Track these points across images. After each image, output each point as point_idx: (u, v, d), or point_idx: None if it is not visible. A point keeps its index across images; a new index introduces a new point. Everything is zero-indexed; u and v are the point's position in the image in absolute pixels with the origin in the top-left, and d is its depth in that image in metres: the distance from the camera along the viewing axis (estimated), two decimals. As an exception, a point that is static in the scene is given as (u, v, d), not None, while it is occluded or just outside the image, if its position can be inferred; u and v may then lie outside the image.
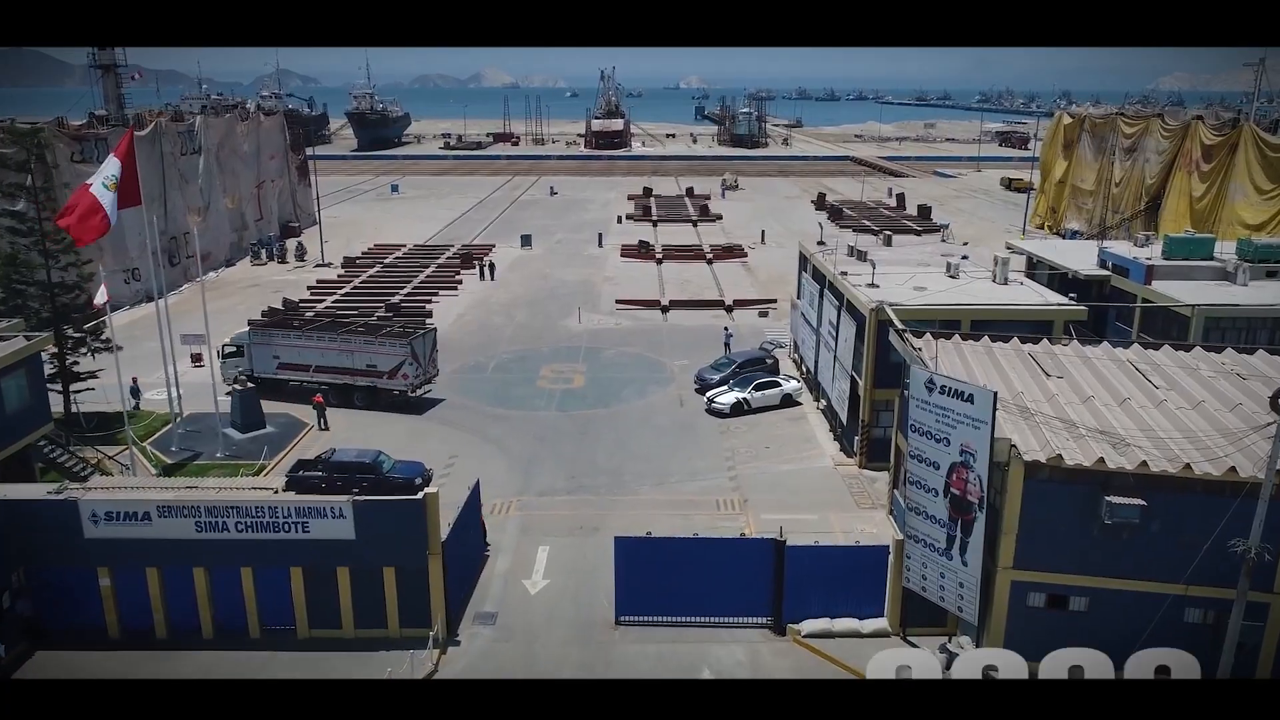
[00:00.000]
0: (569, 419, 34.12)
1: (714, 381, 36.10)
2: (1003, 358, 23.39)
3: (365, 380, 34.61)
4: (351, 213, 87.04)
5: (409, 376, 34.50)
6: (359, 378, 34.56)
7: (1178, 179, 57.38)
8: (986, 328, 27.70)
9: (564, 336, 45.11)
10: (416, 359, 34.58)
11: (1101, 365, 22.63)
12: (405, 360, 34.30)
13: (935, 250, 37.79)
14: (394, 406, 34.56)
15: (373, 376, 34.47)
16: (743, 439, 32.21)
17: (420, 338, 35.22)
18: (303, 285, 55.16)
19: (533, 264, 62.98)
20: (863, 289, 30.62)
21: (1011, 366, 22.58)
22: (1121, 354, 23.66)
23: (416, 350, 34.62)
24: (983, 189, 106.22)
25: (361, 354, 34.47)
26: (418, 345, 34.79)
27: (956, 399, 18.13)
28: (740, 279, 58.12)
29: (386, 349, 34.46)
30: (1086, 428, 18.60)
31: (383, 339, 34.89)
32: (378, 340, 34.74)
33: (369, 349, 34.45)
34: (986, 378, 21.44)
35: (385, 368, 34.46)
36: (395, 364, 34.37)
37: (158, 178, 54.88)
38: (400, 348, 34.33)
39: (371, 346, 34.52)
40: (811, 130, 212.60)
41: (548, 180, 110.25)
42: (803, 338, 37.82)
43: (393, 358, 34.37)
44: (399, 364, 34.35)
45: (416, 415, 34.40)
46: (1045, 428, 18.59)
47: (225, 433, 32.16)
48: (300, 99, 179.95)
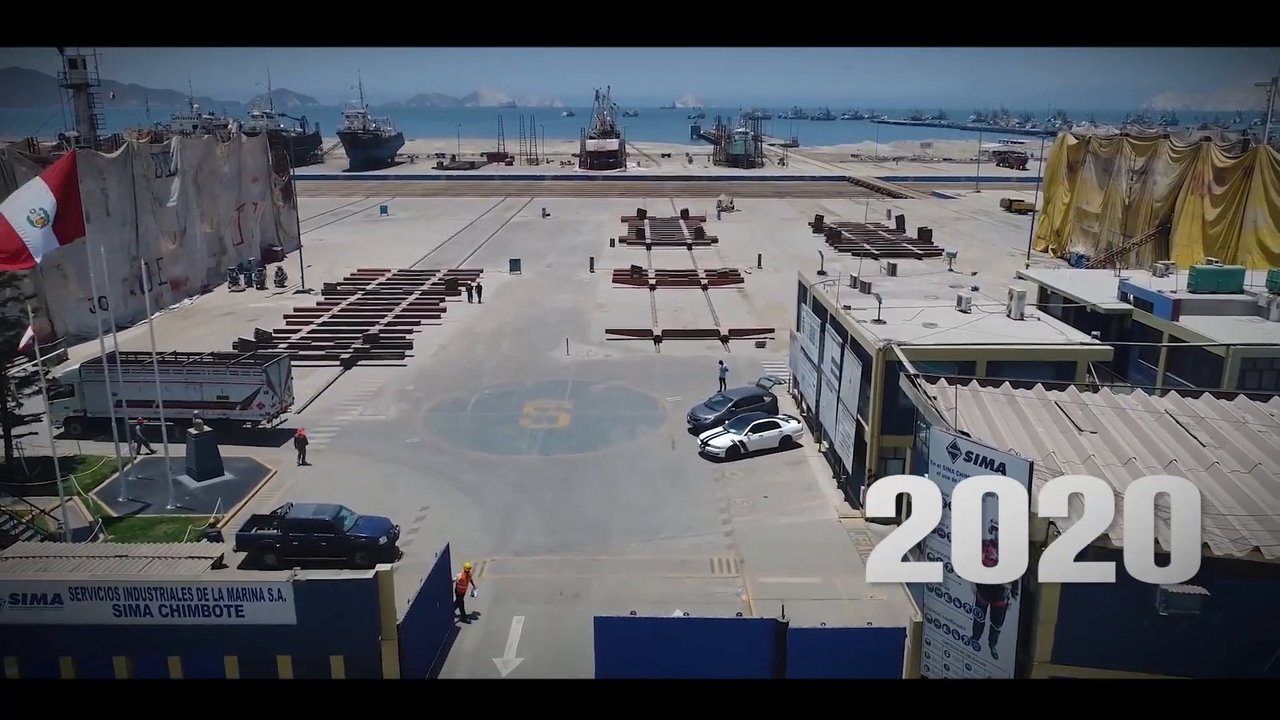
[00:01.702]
0: (552, 464, 31.69)
1: (708, 421, 33.73)
2: (1027, 408, 21.05)
3: (217, 413, 32.40)
4: (338, 235, 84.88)
5: (265, 406, 32.81)
6: (210, 410, 32.18)
7: (1189, 202, 55.40)
8: (1004, 369, 25.57)
9: (550, 369, 42.76)
10: (272, 387, 32.92)
11: (1138, 417, 20.31)
12: (260, 389, 32.58)
13: (943, 281, 35.60)
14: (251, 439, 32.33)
15: (225, 408, 32.37)
16: (739, 486, 29.79)
17: (275, 364, 33.57)
18: (281, 313, 52.79)
19: (521, 290, 60.74)
20: (868, 325, 28.37)
21: (1039, 420, 20.22)
22: (1157, 403, 21.35)
23: (272, 378, 32.94)
24: (983, 210, 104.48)
25: (211, 385, 32.33)
26: (273, 373, 33.09)
27: (986, 468, 15.77)
28: (736, 306, 55.91)
29: (239, 378, 32.69)
30: (1132, 498, 16.23)
31: (234, 368, 33.17)
32: (229, 370, 32.92)
33: (219, 379, 32.37)
34: (1012, 435, 19.12)
35: (238, 398, 32.61)
36: (249, 393, 32.63)
37: (129, 201, 52.72)
38: (254, 376, 32.62)
39: (222, 376, 32.46)
40: (808, 150, 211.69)
41: (541, 201, 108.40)
42: (803, 374, 35.51)
43: (246, 387, 32.62)
44: (253, 393, 32.61)
45: (384, 461, 31.94)
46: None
47: (179, 480, 29.73)
48: (293, 119, 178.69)
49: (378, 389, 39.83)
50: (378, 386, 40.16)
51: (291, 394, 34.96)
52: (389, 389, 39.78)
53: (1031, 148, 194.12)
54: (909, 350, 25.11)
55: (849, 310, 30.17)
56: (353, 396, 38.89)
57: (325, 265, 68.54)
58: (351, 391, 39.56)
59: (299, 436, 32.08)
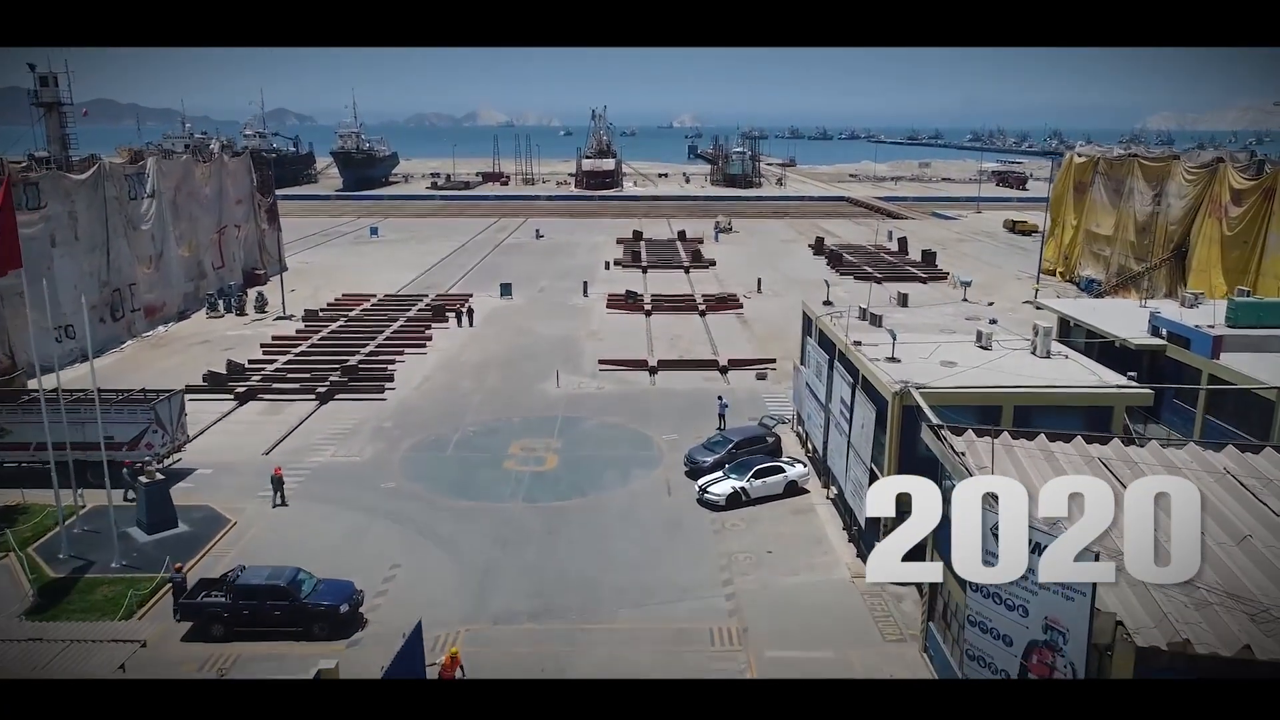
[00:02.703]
0: (537, 512, 29.13)
1: (707, 465, 31.24)
2: (1068, 465, 18.63)
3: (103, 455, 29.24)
4: (326, 258, 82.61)
5: (154, 446, 30.63)
6: (94, 452, 28.56)
7: (1206, 225, 53.24)
8: (1032, 414, 23.16)
9: (539, 404, 40.27)
10: (162, 426, 30.85)
11: (1197, 479, 17.87)
12: (148, 428, 30.44)
13: (958, 312, 33.26)
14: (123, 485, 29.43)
15: (111, 449, 29.23)
16: (741, 540, 27.25)
17: (164, 401, 31.39)
18: (259, 341, 50.32)
19: (512, 316, 58.34)
20: (882, 364, 25.97)
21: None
22: (1214, 458, 18.99)
23: (161, 416, 30.84)
24: (985, 231, 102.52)
25: (94, 425, 29.11)
26: (162, 410, 31.00)
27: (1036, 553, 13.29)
28: (735, 333, 53.55)
29: (126, 417, 30.51)
30: (1208, 586, 13.80)
31: (121, 406, 31.00)
32: (114, 408, 30.60)
33: (105, 418, 29.35)
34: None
35: (125, 438, 30.31)
36: (137, 433, 30.40)
37: (100, 224, 50.37)
38: (142, 414, 30.53)
39: (108, 415, 29.66)
40: (806, 169, 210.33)
41: (535, 222, 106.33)
42: (808, 412, 33.05)
43: (133, 426, 30.46)
44: (141, 432, 30.40)
45: (354, 510, 29.37)
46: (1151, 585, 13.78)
47: (127, 533, 27.16)
48: (286, 138, 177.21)
49: (354, 426, 37.31)
50: (354, 423, 37.64)
51: (185, 432, 32.79)
52: (365, 426, 37.27)
53: (1030, 167, 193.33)
54: (928, 393, 22.76)
55: (860, 346, 27.79)
56: (327, 435, 36.36)
57: (310, 289, 66.21)
58: (325, 429, 37.02)
59: (276, 476, 29.82)
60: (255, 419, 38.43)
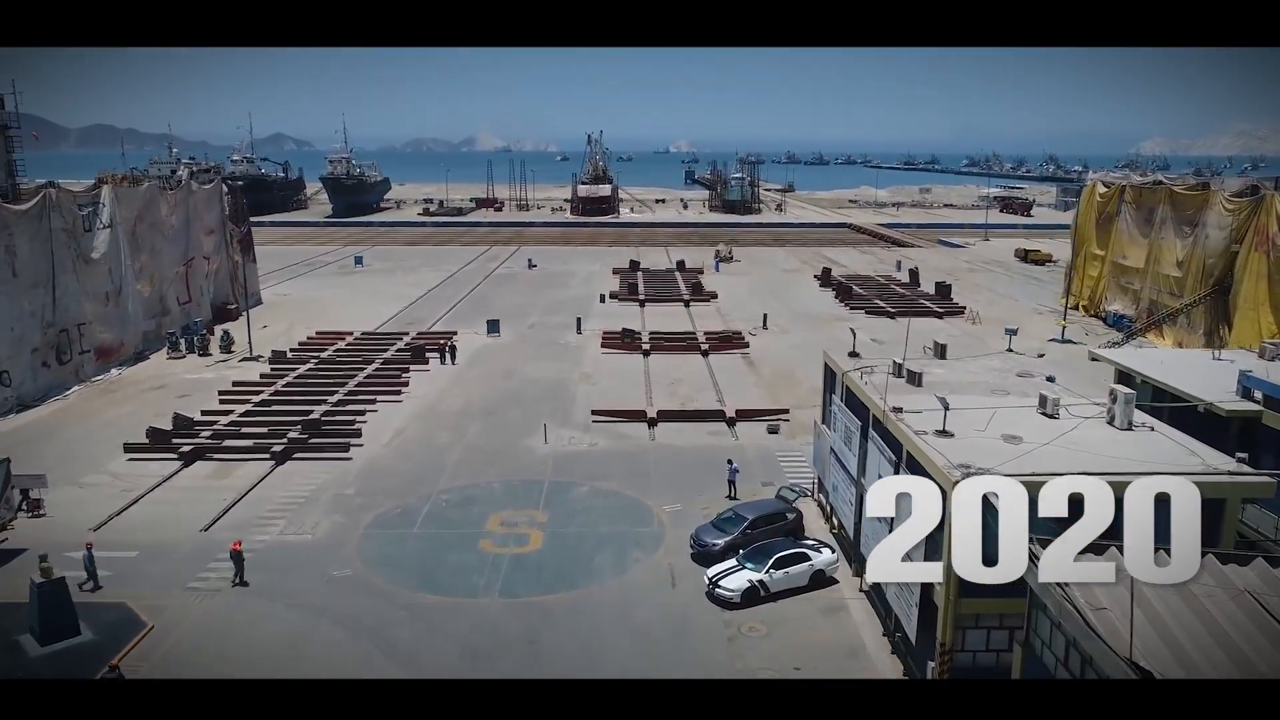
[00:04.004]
0: (517, 611, 24.39)
1: (717, 549, 26.61)
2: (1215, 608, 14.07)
3: None
4: (305, 289, 78.21)
5: None
6: None
7: (1251, 259, 49.06)
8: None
9: (524, 464, 35.62)
10: None
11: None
12: None
13: (1005, 367, 28.76)
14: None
15: None
16: (760, 651, 22.52)
17: None
18: (220, 386, 45.62)
19: (498, 356, 53.79)
20: (931, 440, 21.45)
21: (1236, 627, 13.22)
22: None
23: None
24: (996, 260, 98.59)
25: None
26: None
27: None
28: (741, 376, 49.06)
29: None
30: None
31: None
32: None
33: None
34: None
35: None
36: None
37: (45, 259, 45.90)
38: None
39: None
40: (804, 195, 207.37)
41: (529, 250, 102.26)
42: (834, 483, 28.46)
43: None
44: None
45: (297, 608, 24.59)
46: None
47: (17, 644, 22.42)
48: (275, 163, 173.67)
49: (311, 493, 32.60)
50: (312, 489, 32.92)
51: (10, 506, 28.46)
52: (325, 494, 32.55)
53: (1031, 192, 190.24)
54: (997, 484, 18.24)
55: (901, 415, 23.27)
56: (278, 504, 31.63)
57: (285, 325, 61.80)
58: (277, 496, 32.30)
59: (234, 551, 25.77)
60: (200, 484, 33.71)
